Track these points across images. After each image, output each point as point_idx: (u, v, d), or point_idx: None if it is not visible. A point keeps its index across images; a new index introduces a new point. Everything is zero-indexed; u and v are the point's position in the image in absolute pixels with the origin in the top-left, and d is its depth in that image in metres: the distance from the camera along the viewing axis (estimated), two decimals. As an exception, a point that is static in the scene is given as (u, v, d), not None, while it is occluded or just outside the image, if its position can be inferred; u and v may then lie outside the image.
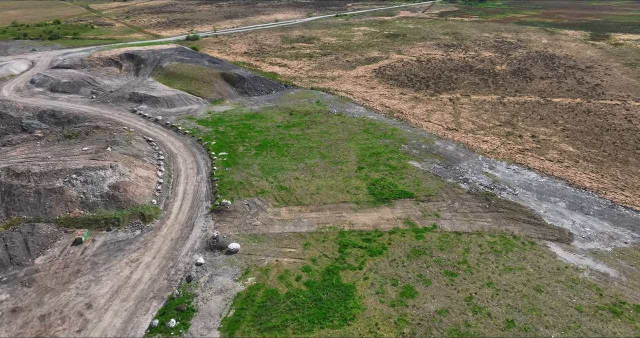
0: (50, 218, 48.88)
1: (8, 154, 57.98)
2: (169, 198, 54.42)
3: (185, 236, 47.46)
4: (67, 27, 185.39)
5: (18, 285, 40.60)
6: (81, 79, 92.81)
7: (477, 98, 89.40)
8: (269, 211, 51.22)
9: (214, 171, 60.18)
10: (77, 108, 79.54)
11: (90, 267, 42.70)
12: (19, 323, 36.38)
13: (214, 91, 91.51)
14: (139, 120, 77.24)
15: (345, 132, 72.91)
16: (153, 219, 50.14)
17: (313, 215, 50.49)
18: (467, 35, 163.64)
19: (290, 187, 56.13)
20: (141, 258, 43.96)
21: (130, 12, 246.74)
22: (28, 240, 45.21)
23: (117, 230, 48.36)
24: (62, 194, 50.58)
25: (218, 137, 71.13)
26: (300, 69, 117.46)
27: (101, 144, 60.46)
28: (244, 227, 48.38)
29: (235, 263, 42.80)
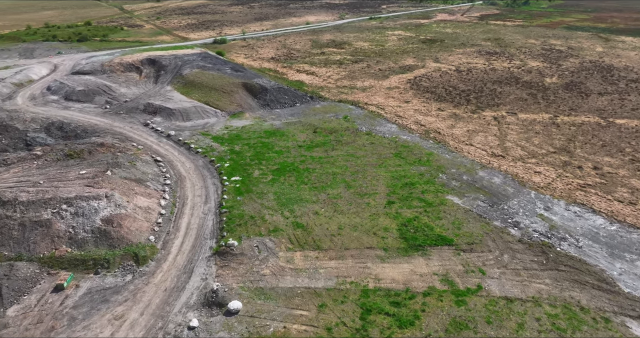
0: (33, 256, 42.98)
1: (0, 175, 52.79)
2: (169, 234, 47.73)
3: (182, 286, 40.52)
4: (97, 28, 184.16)
5: (-19, 345, 34.62)
6: (97, 87, 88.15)
7: (526, 117, 79.25)
8: (281, 256, 43.71)
9: (224, 200, 53.24)
10: (88, 120, 74.49)
11: (66, 324, 36.29)
12: (-30, 401, 30.23)
13: (234, 103, 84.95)
14: (150, 135, 71.38)
15: (374, 156, 64.65)
16: (148, 261, 43.52)
17: (332, 264, 42.64)
18: (511, 42, 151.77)
19: (307, 224, 48.48)
20: (127, 314, 37.25)
21: (161, 13, 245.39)
22: (3, 285, 39.28)
23: (106, 274, 41.93)
24: (49, 228, 44.64)
25: (233, 158, 64.25)
26: (328, 77, 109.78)
27: (101, 166, 54.50)
28: (250, 276, 41.02)
29: (234, 328, 35.44)
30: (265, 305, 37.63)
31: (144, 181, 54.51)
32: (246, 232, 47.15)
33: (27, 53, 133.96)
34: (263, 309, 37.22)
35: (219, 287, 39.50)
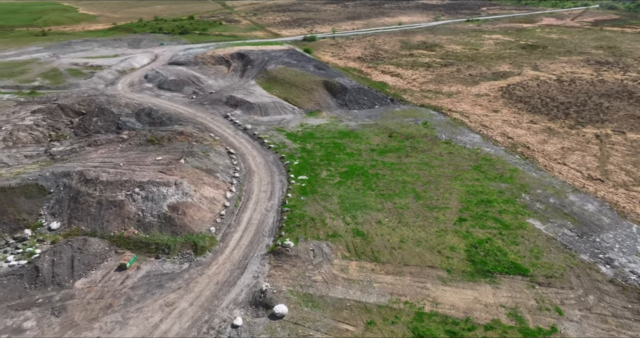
0: (105, 233, 45.58)
1: (89, 155, 57.02)
2: (230, 227, 48.12)
3: (233, 281, 40.39)
4: (199, 22, 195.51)
5: (48, 312, 37.07)
6: (187, 78, 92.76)
7: (636, 137, 69.31)
8: (336, 264, 41.90)
9: (288, 199, 52.63)
10: (174, 108, 78.42)
11: (123, 303, 37.74)
12: (29, 364, 32.38)
13: (312, 101, 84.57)
14: (228, 127, 73.25)
15: (450, 167, 60.26)
16: (206, 251, 44.12)
17: (388, 279, 39.95)
18: (628, 51, 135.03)
19: (368, 233, 46.14)
20: (178, 302, 37.87)
21: (259, 10, 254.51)
22: (75, 257, 42.00)
23: (165, 260, 43.18)
24: (121, 209, 47.10)
25: (303, 156, 63.62)
26: (414, 80, 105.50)
27: (177, 154, 56.64)
28: (301, 280, 39.75)
29: (276, 333, 34.36)
30: (311, 314, 36.12)
31: (214, 172, 55.70)
32: (304, 234, 46.00)
33: (135, 43, 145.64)
34: (309, 317, 35.73)
35: (268, 287, 38.73)
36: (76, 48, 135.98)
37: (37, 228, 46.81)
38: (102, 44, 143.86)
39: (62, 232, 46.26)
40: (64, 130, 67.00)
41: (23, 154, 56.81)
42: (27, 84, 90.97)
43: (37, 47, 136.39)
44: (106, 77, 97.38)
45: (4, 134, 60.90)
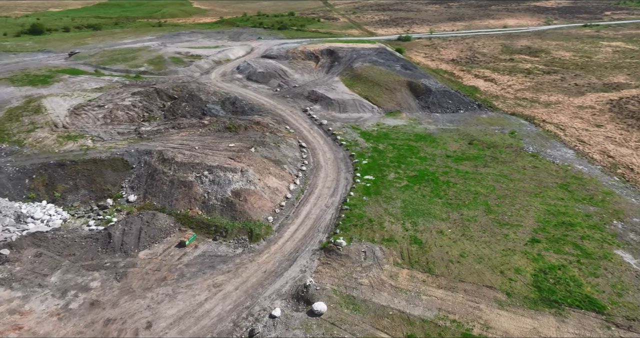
0: (172, 211, 48.48)
1: (171, 136, 61.07)
2: (287, 219, 48.52)
3: (281, 272, 40.63)
4: (298, 19, 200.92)
5: (112, 276, 40.31)
6: (274, 71, 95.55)
7: None
8: (386, 269, 40.22)
9: (349, 197, 51.74)
10: (258, 99, 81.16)
11: (175, 278, 39.79)
12: (88, 321, 35.35)
13: (393, 101, 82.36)
14: (305, 121, 74.06)
15: (532, 182, 54.93)
16: (260, 239, 44.94)
17: (439, 293, 37.42)
18: None
19: (426, 242, 43.66)
20: (225, 285, 39.00)
21: (359, 8, 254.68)
22: (143, 229, 45.21)
23: (222, 243, 44.76)
24: (190, 189, 49.73)
25: (373, 156, 62.18)
26: (509, 86, 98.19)
27: (249, 142, 58.47)
28: (347, 281, 38.76)
29: (311, 330, 33.83)
30: (350, 316, 35.02)
31: (282, 163, 56.56)
32: (359, 235, 44.83)
33: (235, 36, 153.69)
34: (347, 320, 34.68)
35: (312, 283, 38.32)
36: (183, 38, 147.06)
37: (118, 199, 51.15)
38: (206, 36, 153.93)
39: (137, 205, 50.04)
40: (155, 112, 72.62)
41: (117, 131, 62.57)
42: (135, 68, 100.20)
43: (150, 37, 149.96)
44: (203, 66, 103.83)
45: (105, 112, 67.59)
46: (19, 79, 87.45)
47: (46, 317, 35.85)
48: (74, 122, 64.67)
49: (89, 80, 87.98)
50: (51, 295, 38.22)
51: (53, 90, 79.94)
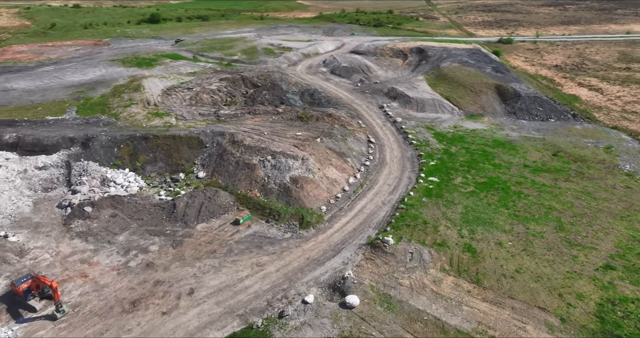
0: (234, 190, 50.88)
1: (246, 120, 63.94)
2: (340, 211, 48.47)
3: (323, 261, 40.81)
4: (396, 17, 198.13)
5: (169, 243, 43.53)
6: (358, 66, 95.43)
7: None
8: (430, 274, 38.52)
9: (408, 197, 50.21)
10: (337, 93, 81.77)
11: (224, 253, 41.84)
12: (140, 279, 38.62)
13: (477, 103, 77.95)
14: (379, 117, 73.11)
15: (621, 204, 48.82)
16: (310, 227, 45.49)
17: (482, 306, 35.01)
18: None
19: (481, 252, 40.99)
20: (267, 265, 40.16)
21: (462, 8, 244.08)
22: (204, 204, 48.08)
23: (273, 225, 46.10)
24: (252, 171, 51.77)
25: (442, 158, 59.59)
26: (617, 98, 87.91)
27: (316, 132, 59.23)
28: (387, 279, 37.81)
29: (339, 321, 33.61)
30: (382, 314, 34.16)
31: (346, 156, 56.51)
32: (409, 235, 43.39)
33: (329, 31, 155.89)
34: (378, 317, 33.89)
35: (351, 276, 37.96)
36: (279, 31, 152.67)
37: (189, 174, 54.90)
38: (301, 30, 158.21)
39: (204, 181, 53.30)
40: (238, 98, 76.51)
41: (199, 112, 67.06)
42: (229, 56, 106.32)
43: (249, 28, 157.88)
44: (291, 58, 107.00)
45: (192, 94, 72.76)
46: (129, 61, 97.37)
47: (108, 271, 39.82)
48: (163, 101, 70.57)
49: (186, 65, 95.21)
50: (116, 252, 42.34)
51: (154, 72, 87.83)
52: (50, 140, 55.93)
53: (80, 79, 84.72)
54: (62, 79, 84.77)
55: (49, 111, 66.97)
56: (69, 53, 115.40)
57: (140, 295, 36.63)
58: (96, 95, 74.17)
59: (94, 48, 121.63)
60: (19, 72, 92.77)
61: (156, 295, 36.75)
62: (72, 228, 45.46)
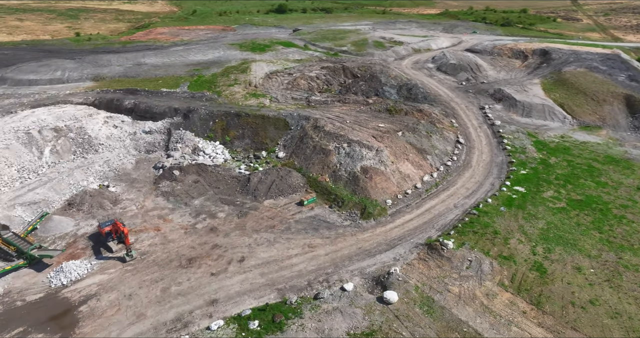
0: (306, 172, 52.05)
1: (333, 108, 64.59)
2: (407, 207, 46.75)
3: (374, 253, 39.94)
4: (529, 16, 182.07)
5: (236, 213, 46.28)
6: (467, 64, 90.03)
7: None
8: (485, 286, 35.47)
9: (485, 204, 46.52)
10: (437, 89, 78.36)
11: (281, 229, 43.24)
12: (202, 241, 41.77)
13: (596, 114, 68.51)
14: (476, 118, 68.43)
15: None
16: (370, 218, 44.75)
17: (536, 331, 31.33)
18: None
19: (552, 274, 36.55)
20: (318, 248, 40.56)
21: (615, 10, 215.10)
22: (275, 182, 50.06)
23: (335, 211, 46.29)
24: (326, 157, 52.35)
25: (536, 168, 53.89)
26: None
27: (399, 126, 57.60)
28: (435, 283, 35.77)
29: (371, 314, 32.74)
30: (418, 317, 32.46)
31: (426, 153, 54.17)
32: (473, 243, 40.29)
33: (449, 28, 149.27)
34: (413, 318, 32.29)
35: (397, 272, 36.59)
36: (397, 26, 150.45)
37: (270, 153, 57.44)
38: (420, 26, 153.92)
39: (282, 161, 55.33)
40: (334, 87, 77.53)
41: (292, 96, 69.48)
42: (338, 47, 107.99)
43: (367, 22, 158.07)
44: (400, 52, 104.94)
45: (291, 79, 75.60)
46: (245, 46, 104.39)
47: (178, 228, 43.73)
48: (263, 84, 74.48)
49: (295, 52, 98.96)
50: (189, 213, 46.25)
51: (264, 57, 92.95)
52: (158, 108, 62.73)
53: (200, 58, 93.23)
54: (186, 58, 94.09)
55: (166, 84, 74.99)
56: (199, 36, 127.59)
57: (197, 255, 39.65)
58: (208, 73, 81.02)
59: (220, 33, 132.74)
60: (155, 49, 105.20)
61: (211, 257, 39.44)
62: (159, 188, 50.68)
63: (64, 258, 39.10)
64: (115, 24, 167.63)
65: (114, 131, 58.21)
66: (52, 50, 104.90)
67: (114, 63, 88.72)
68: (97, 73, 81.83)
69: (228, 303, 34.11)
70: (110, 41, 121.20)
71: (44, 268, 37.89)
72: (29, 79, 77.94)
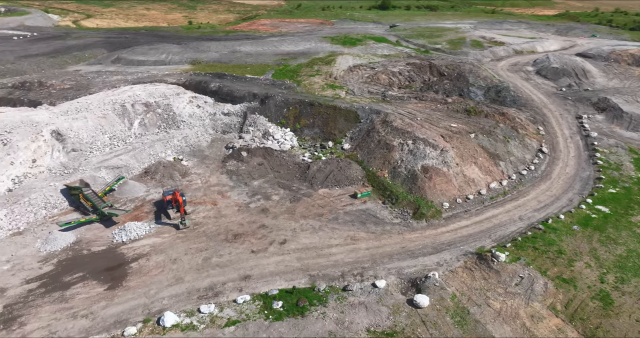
0: (366, 166, 51.27)
1: (408, 104, 62.41)
2: (466, 213, 43.86)
3: (416, 255, 38.16)
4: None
5: (289, 197, 47.18)
6: (571, 69, 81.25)
7: None
8: (532, 307, 32.13)
9: (556, 220, 41.95)
10: (529, 94, 72.07)
11: (328, 219, 43.16)
12: (251, 219, 43.26)
13: None
14: (569, 128, 61.65)
15: None
16: (422, 219, 42.81)
17: (581, 365, 27.65)
18: None
19: (619, 306, 32.06)
20: (359, 242, 39.85)
21: None
22: (333, 172, 50.07)
23: (387, 208, 45.03)
24: (389, 152, 51.01)
25: (629, 188, 47.21)
26: None
27: (473, 127, 53.97)
28: (476, 295, 33.23)
29: (397, 315, 31.43)
30: (447, 326, 30.44)
31: (499, 159, 50.21)
32: (531, 259, 36.60)
33: (564, 30, 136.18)
34: (441, 327, 30.36)
35: (435, 277, 34.59)
36: (503, 26, 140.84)
37: (337, 144, 57.43)
38: (530, 27, 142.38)
39: (346, 153, 55.07)
40: (416, 84, 74.97)
41: (368, 90, 68.52)
42: (431, 45, 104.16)
43: (471, 21, 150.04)
44: (498, 53, 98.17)
45: (372, 73, 74.62)
46: (337, 39, 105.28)
47: (232, 205, 45.78)
48: (343, 76, 74.48)
49: (385, 48, 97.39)
50: (246, 193, 48.14)
51: (352, 51, 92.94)
52: (239, 93, 65.91)
53: (291, 49, 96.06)
54: (278, 47, 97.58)
55: (253, 71, 78.46)
56: (297, 28, 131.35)
57: (243, 231, 41.17)
58: (294, 63, 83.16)
59: (318, 26, 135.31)
60: (253, 39, 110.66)
61: (255, 235, 40.70)
62: (226, 166, 53.40)
63: (129, 218, 43.09)
64: (226, 14, 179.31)
65: (196, 110, 62.43)
66: (164, 35, 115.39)
67: (212, 49, 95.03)
68: (195, 57, 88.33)
69: (259, 281, 34.97)
70: (216, 30, 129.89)
71: (111, 225, 42.10)
72: (138, 59, 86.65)
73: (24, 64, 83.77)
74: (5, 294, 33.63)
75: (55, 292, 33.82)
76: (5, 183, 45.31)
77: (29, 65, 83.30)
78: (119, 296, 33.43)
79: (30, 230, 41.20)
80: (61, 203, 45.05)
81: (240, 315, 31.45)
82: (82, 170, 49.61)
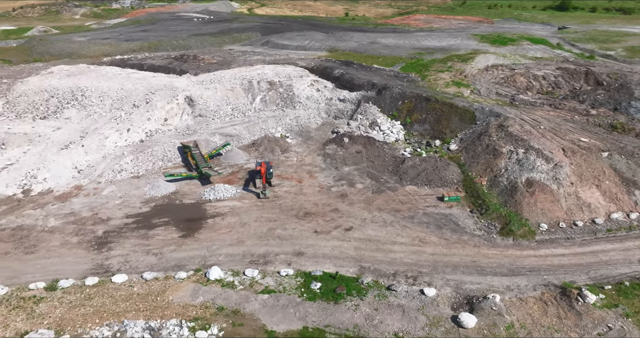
0: (466, 171, 47.00)
1: (537, 111, 54.10)
2: (566, 240, 37.13)
3: (487, 273, 33.86)
4: None
5: (373, 188, 46.10)
6: None
7: None
8: None
9: (690, 272, 32.89)
10: None
11: (404, 216, 41.02)
12: (327, 202, 43.54)
13: None
14: None
15: None
16: (509, 237, 37.75)
17: None
18: None
19: None
20: (427, 245, 37.01)
21: None
22: (427, 170, 47.17)
23: (472, 217, 40.82)
24: (494, 158, 45.79)
25: None
26: None
27: (610, 145, 44.70)
28: (540, 333, 28.30)
29: (434, 328, 28.55)
30: (487, 355, 26.56)
31: (635, 186, 41.02)
32: (633, 311, 29.48)
33: None
34: (479, 354, 26.63)
35: (493, 300, 30.25)
36: None
37: (444, 144, 53.79)
38: None
39: (451, 154, 51.21)
40: (562, 91, 65.07)
41: (497, 91, 61.85)
42: (602, 50, 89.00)
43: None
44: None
45: (508, 74, 67.25)
46: (487, 38, 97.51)
47: (315, 186, 46.63)
48: (474, 75, 68.66)
49: (540, 49, 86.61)
50: (333, 176, 48.47)
51: (499, 50, 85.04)
52: (358, 81, 66.07)
53: (431, 44, 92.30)
54: (419, 42, 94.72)
55: (383, 63, 77.74)
56: (450, 25, 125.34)
57: (315, 211, 41.66)
58: (429, 58, 79.80)
59: (474, 24, 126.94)
60: (399, 33, 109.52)
61: (324, 217, 40.83)
62: (325, 149, 54.39)
63: (223, 181, 47.14)
64: (385, 9, 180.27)
65: (314, 93, 64.57)
66: (316, 24, 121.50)
67: (354, 39, 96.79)
68: (334, 45, 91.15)
69: (310, 260, 35.11)
70: (368, 22, 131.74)
71: (206, 183, 46.63)
72: (283, 43, 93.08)
73: (192, 40, 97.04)
74: (109, 222, 40.09)
75: (142, 230, 39.02)
76: (139, 135, 53.63)
77: (195, 42, 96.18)
78: (187, 244, 37.05)
79: (145, 176, 48.15)
80: (176, 158, 51.52)
81: (278, 286, 32.10)
82: (200, 133, 55.78)
